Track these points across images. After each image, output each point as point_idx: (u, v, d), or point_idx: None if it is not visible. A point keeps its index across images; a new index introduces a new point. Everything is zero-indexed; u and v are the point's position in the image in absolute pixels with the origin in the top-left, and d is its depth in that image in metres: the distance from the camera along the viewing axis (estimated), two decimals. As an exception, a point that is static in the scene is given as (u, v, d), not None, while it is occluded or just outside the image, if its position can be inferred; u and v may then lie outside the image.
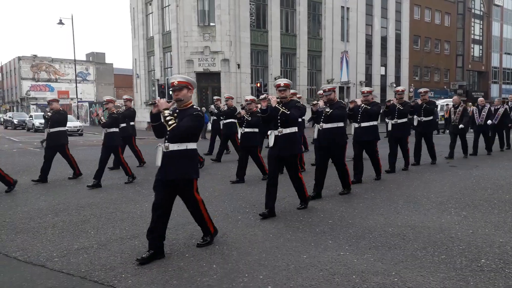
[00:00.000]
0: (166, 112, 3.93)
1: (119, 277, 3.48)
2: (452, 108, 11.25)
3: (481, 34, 47.67)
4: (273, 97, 5.33)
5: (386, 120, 9.11)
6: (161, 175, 3.94)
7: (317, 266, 3.63)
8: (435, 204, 5.82)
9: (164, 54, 28.04)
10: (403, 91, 9.15)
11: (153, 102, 4.03)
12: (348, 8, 29.31)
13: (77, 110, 39.26)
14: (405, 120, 8.78)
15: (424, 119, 9.43)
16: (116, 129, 7.97)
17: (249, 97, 8.17)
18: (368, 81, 34.46)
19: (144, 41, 30.20)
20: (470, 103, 17.02)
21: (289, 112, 5.19)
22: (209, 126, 14.25)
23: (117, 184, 7.82)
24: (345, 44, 28.26)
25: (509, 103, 13.71)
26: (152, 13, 29.10)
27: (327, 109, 6.17)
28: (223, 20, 25.36)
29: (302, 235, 4.51)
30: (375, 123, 7.72)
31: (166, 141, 3.96)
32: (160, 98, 4.18)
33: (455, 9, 43.81)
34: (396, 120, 8.72)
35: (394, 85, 36.66)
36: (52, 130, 8.18)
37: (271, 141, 5.32)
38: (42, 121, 15.65)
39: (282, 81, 5.43)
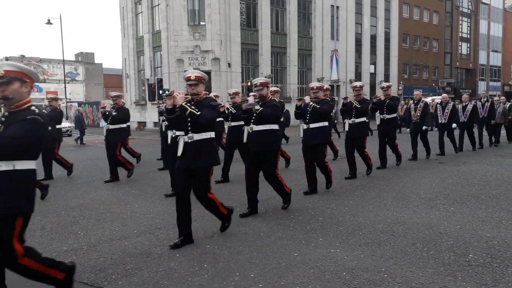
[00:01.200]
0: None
1: (109, 279, 3.46)
2: (412, 104, 10.19)
3: (468, 32, 48.23)
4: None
5: (344, 119, 8.04)
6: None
7: (307, 263, 3.65)
8: (424, 200, 5.89)
9: (154, 53, 27.90)
10: (361, 86, 8.00)
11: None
12: (337, 7, 29.47)
13: (66, 110, 38.87)
14: (363, 119, 7.75)
15: (387, 116, 8.69)
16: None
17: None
18: (358, 79, 34.60)
19: (133, 40, 30.01)
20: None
21: (198, 113, 4.11)
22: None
23: (107, 184, 7.77)
24: (335, 43, 28.43)
25: (482, 99, 13.43)
26: (141, 12, 28.92)
27: (257, 107, 5.16)
28: (213, 19, 25.29)
29: (293, 233, 4.53)
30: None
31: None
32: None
33: (443, 7, 44.25)
34: (353, 119, 7.71)
35: (384, 83, 36.94)
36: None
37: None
38: None
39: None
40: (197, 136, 4.21)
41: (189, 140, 4.19)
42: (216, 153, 4.38)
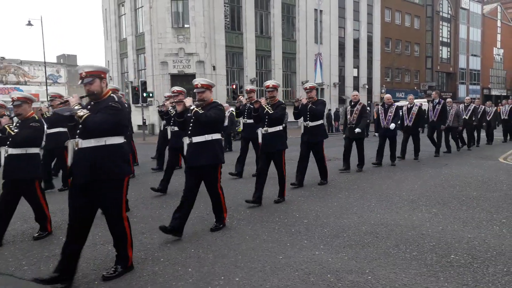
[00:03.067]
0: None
1: (92, 284, 3.41)
2: (349, 107, 9.01)
3: (449, 37, 49.23)
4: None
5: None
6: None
7: (292, 266, 3.66)
8: (406, 202, 5.97)
9: (137, 56, 27.65)
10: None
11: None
12: (321, 11, 29.72)
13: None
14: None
15: (311, 124, 7.11)
16: None
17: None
18: (341, 82, 35.03)
19: (117, 43, 29.69)
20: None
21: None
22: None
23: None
24: (318, 46, 28.66)
25: (434, 101, 11.91)
26: (125, 14, 28.64)
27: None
28: (198, 22, 25.23)
29: (278, 235, 4.54)
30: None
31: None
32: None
33: (424, 12, 45.09)
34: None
35: (367, 87, 37.46)
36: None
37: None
38: None
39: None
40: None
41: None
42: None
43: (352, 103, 8.99)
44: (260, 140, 6.12)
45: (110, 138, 3.45)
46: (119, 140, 3.54)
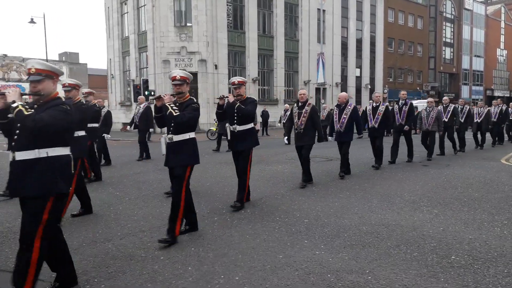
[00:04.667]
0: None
1: (92, 282, 3.40)
2: (296, 109, 7.34)
3: (452, 37, 49.12)
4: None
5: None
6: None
7: (293, 265, 3.65)
8: (408, 202, 5.96)
9: (139, 54, 27.68)
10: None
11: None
12: (324, 11, 29.71)
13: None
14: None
15: (239, 128, 5.68)
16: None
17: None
18: (344, 82, 34.99)
19: (119, 41, 29.72)
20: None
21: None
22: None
23: (90, 186, 7.64)
24: (321, 46, 28.64)
25: (400, 101, 10.92)
26: (127, 12, 28.67)
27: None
28: (200, 21, 25.23)
29: (278, 235, 4.53)
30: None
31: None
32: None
33: (427, 13, 45.00)
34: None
35: (369, 87, 37.40)
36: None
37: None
38: None
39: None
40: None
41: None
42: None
43: (300, 104, 7.24)
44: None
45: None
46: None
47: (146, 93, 21.04)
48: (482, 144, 13.98)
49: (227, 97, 5.55)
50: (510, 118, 15.50)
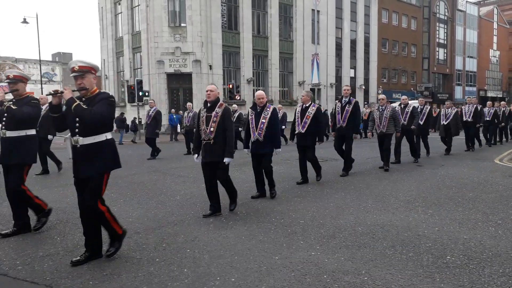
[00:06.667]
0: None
1: (87, 284, 3.37)
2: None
3: (445, 38, 49.48)
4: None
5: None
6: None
7: (288, 267, 3.64)
8: (403, 203, 5.97)
9: (133, 54, 27.60)
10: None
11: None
12: (318, 11, 29.77)
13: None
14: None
15: (86, 142, 3.72)
16: None
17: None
18: (338, 83, 35.11)
19: (113, 41, 29.61)
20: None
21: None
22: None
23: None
24: (315, 47, 28.70)
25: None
26: (121, 13, 28.58)
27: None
28: (194, 21, 25.20)
29: (274, 236, 4.52)
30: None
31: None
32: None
33: (421, 14, 45.29)
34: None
35: (363, 87, 37.55)
36: None
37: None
38: None
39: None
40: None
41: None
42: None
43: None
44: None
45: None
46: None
47: (140, 93, 20.95)
48: (448, 150, 11.97)
49: (61, 92, 3.81)
50: (487, 119, 14.04)
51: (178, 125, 19.35)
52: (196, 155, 5.57)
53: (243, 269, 3.62)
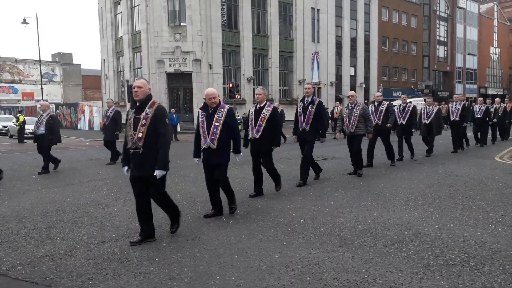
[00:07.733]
0: None
1: (87, 284, 3.37)
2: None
3: (445, 36, 49.39)
4: None
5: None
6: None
7: (289, 265, 3.64)
8: (403, 201, 5.97)
9: (133, 54, 27.59)
10: None
11: None
12: (318, 10, 29.73)
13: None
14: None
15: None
16: None
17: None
18: (339, 81, 35.10)
19: (112, 41, 29.62)
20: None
21: None
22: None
23: (85, 188, 7.61)
24: (315, 45, 28.68)
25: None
26: (121, 13, 28.57)
27: None
28: (194, 20, 25.18)
29: (274, 235, 4.52)
30: None
31: None
32: None
33: (421, 11, 45.22)
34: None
35: (364, 86, 37.51)
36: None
37: None
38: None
39: None
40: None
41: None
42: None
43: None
44: None
45: None
46: None
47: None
48: (430, 150, 11.20)
49: None
50: (478, 116, 13.41)
51: (178, 124, 19.32)
52: (126, 168, 4.51)
53: (243, 268, 3.62)
